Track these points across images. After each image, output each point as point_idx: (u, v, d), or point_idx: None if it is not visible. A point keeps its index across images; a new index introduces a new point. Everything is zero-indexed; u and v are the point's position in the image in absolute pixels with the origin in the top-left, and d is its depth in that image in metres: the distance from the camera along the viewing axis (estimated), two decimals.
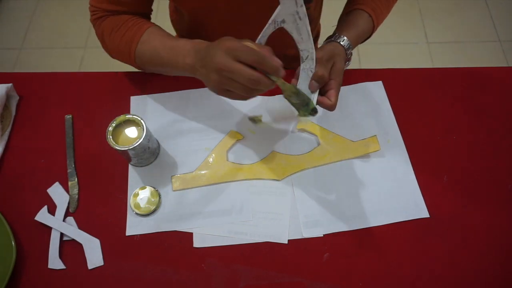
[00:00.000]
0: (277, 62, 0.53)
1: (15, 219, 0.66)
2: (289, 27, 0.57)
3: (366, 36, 0.73)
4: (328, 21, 0.99)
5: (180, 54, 0.63)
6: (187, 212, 0.66)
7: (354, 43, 0.68)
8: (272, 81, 0.54)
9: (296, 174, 0.69)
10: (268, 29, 0.58)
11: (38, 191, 0.68)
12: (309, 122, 0.73)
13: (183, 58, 0.63)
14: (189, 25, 0.82)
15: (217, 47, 0.55)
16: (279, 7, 0.55)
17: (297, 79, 0.61)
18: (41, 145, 0.73)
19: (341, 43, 0.66)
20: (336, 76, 0.63)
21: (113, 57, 0.73)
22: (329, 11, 0.94)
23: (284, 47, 0.67)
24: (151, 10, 0.76)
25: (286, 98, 0.60)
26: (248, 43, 0.54)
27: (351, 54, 0.69)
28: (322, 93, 0.62)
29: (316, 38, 0.95)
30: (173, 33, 0.96)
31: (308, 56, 0.59)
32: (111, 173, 0.70)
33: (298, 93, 0.59)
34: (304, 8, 0.54)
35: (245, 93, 0.55)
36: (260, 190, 0.68)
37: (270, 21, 0.57)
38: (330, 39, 0.69)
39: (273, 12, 0.72)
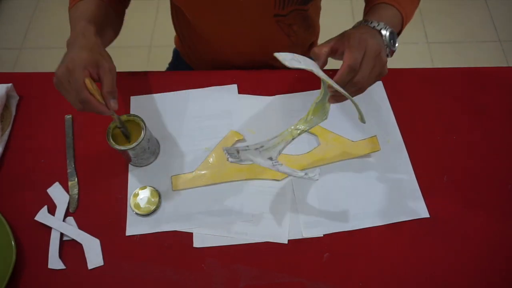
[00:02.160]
0: (102, 107, 0.56)
1: (15, 219, 0.66)
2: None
3: (394, 21, 0.65)
4: (328, 22, 0.99)
5: (72, 28, 0.65)
6: (187, 212, 0.66)
7: (384, 20, 0.61)
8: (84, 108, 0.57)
9: None
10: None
11: (38, 191, 0.68)
12: None
13: (72, 33, 0.64)
14: (186, 22, 0.82)
15: (67, 61, 0.57)
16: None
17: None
18: (41, 145, 0.73)
19: (370, 24, 0.60)
20: (367, 50, 0.55)
21: None
22: (329, 11, 0.94)
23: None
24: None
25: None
26: (88, 83, 0.56)
27: (388, 30, 0.60)
28: None
29: (315, 40, 0.94)
30: (174, 32, 0.96)
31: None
32: (111, 173, 0.70)
33: (121, 125, 0.62)
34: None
35: (75, 105, 0.58)
36: (260, 190, 0.68)
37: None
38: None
39: (267, 7, 0.72)
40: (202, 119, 0.75)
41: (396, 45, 0.61)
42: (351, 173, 0.69)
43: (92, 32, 0.61)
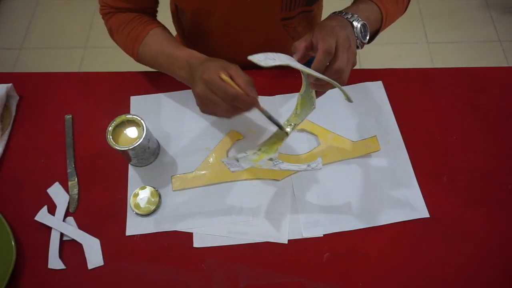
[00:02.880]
0: (250, 99, 0.55)
1: (15, 219, 0.66)
2: None
3: (371, 15, 0.66)
4: None
5: (176, 65, 0.66)
6: (187, 212, 0.66)
7: (359, 13, 0.62)
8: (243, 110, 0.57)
9: (296, 174, 0.69)
10: None
11: (38, 191, 0.68)
12: (309, 122, 0.73)
13: (179, 70, 0.66)
14: (190, 24, 0.82)
15: (198, 78, 0.58)
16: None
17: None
18: (41, 145, 0.73)
19: (344, 16, 0.62)
20: (340, 39, 0.56)
21: (127, 52, 0.75)
22: (329, 10, 0.94)
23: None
24: (157, 5, 0.78)
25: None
26: (224, 77, 0.55)
27: (360, 22, 0.61)
28: None
29: None
30: (174, 32, 0.96)
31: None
32: (111, 173, 0.70)
33: (271, 119, 0.60)
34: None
35: (227, 116, 0.58)
36: (260, 190, 0.68)
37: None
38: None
39: (274, 11, 0.72)
40: (202, 119, 0.75)
41: (367, 38, 0.63)
42: (351, 173, 0.69)
43: (196, 52, 0.64)
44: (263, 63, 0.51)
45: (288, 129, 0.62)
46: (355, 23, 0.61)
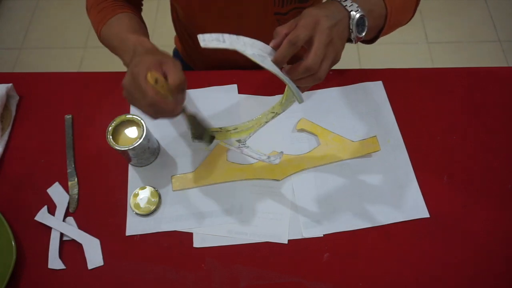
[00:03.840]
0: (170, 106, 0.52)
1: (15, 219, 0.66)
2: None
3: (376, 8, 0.61)
4: None
5: (123, 48, 0.63)
6: (187, 212, 0.66)
7: (360, 4, 0.57)
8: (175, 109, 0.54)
9: (296, 174, 0.69)
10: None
11: (38, 191, 0.68)
12: (309, 122, 0.73)
13: (123, 53, 0.63)
14: (186, 23, 0.82)
15: (130, 68, 0.54)
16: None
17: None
18: (41, 145, 0.73)
19: (343, 2, 0.56)
20: (318, 33, 0.52)
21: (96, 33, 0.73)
22: None
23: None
24: None
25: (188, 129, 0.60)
26: (149, 79, 0.51)
27: (359, 13, 0.56)
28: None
29: None
30: (173, 32, 0.96)
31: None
32: (111, 173, 0.70)
33: (200, 121, 0.59)
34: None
35: (148, 114, 0.55)
36: (260, 190, 0.68)
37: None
38: None
39: (267, 5, 0.72)
40: None
41: (364, 32, 0.58)
42: (351, 173, 0.69)
43: (146, 40, 0.60)
44: (203, 44, 0.48)
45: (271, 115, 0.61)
46: (353, 13, 0.56)
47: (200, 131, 0.60)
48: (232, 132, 0.63)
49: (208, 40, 0.49)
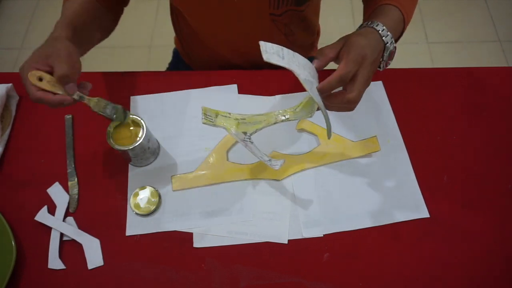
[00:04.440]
0: (57, 99, 0.54)
1: (15, 219, 0.65)
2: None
3: (399, 27, 0.64)
4: (328, 22, 0.99)
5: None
6: (187, 212, 0.66)
7: (391, 30, 0.59)
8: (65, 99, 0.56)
9: (296, 174, 0.69)
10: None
11: (38, 191, 0.68)
12: (309, 122, 0.73)
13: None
14: (184, 21, 0.82)
15: (27, 59, 0.55)
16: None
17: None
18: (41, 145, 0.73)
19: (376, 27, 0.58)
20: (362, 68, 0.54)
21: None
22: (329, 11, 0.94)
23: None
24: None
25: (99, 113, 0.60)
26: (30, 78, 0.53)
27: (393, 45, 0.59)
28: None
29: (315, 40, 0.94)
30: (173, 32, 0.96)
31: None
32: (111, 173, 0.70)
33: (106, 103, 0.60)
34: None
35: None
36: (260, 190, 0.68)
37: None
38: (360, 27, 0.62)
39: (262, 6, 0.72)
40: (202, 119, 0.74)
41: (391, 61, 0.62)
42: (351, 173, 0.69)
43: (58, 26, 0.60)
44: (265, 56, 0.49)
45: (282, 118, 0.62)
46: (388, 45, 0.58)
47: (110, 111, 0.61)
48: (240, 121, 0.62)
49: (270, 53, 0.49)
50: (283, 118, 0.63)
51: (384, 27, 0.58)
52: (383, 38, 0.58)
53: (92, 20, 0.68)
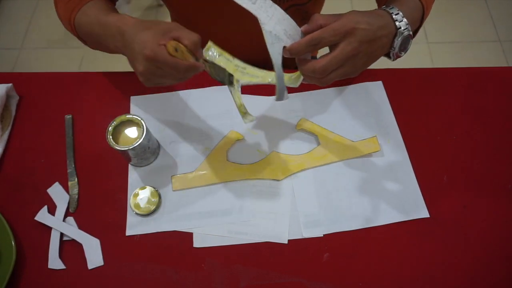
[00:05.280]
0: (200, 66, 0.52)
1: (15, 219, 0.66)
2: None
3: (417, 15, 0.59)
4: None
5: (108, 34, 0.59)
6: (187, 212, 0.66)
7: (407, 17, 0.54)
8: (198, 68, 0.53)
9: (296, 174, 0.69)
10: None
11: (38, 191, 0.68)
12: (309, 122, 0.73)
13: (111, 39, 0.59)
14: (183, 20, 0.82)
15: (138, 53, 0.51)
16: None
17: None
18: (41, 145, 0.73)
19: (388, 10, 0.53)
20: (345, 43, 0.50)
21: (64, 25, 0.69)
22: (328, 10, 0.94)
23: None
24: None
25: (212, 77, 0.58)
26: (170, 49, 0.50)
27: (407, 31, 0.53)
28: None
29: None
30: None
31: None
32: (111, 173, 0.70)
33: (215, 66, 0.56)
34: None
35: (176, 81, 0.54)
36: (260, 190, 0.68)
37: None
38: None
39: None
40: (202, 119, 0.75)
41: (404, 52, 0.57)
42: (351, 173, 0.69)
43: (127, 17, 0.57)
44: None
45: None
46: (401, 31, 0.53)
47: (220, 74, 0.58)
48: (239, 68, 0.60)
49: (246, 2, 0.46)
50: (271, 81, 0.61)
51: (400, 12, 0.53)
52: (396, 22, 0.53)
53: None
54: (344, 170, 0.70)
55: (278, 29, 0.51)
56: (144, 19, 0.56)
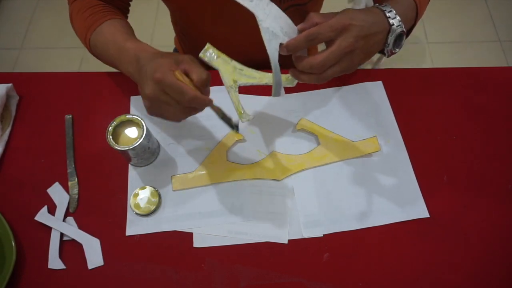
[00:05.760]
0: (207, 100, 0.52)
1: (15, 219, 0.65)
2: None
3: (411, 14, 0.61)
4: None
5: (124, 59, 0.61)
6: (187, 212, 0.66)
7: (400, 15, 0.56)
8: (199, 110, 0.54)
9: (296, 174, 0.69)
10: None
11: (38, 191, 0.68)
12: (309, 122, 0.73)
13: (126, 64, 0.60)
14: (183, 20, 0.82)
15: (148, 77, 0.52)
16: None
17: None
18: (41, 145, 0.73)
19: (382, 7, 0.55)
20: (342, 38, 0.50)
21: (79, 38, 0.70)
22: (328, 10, 0.94)
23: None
24: (128, 4, 0.76)
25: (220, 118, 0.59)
26: (180, 77, 0.50)
27: (400, 28, 0.55)
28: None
29: None
30: (174, 32, 0.96)
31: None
32: (111, 173, 0.70)
33: (223, 115, 0.58)
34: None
35: (178, 119, 0.55)
36: (260, 190, 0.68)
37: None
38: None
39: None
40: (202, 119, 0.75)
41: (398, 49, 0.59)
42: (351, 173, 0.69)
43: (147, 46, 0.59)
44: None
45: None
46: (394, 27, 0.54)
47: (226, 120, 0.59)
48: (237, 70, 0.60)
49: None
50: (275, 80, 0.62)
51: (392, 10, 0.55)
52: (389, 19, 0.55)
53: (133, 32, 0.68)
54: (344, 170, 0.70)
55: (274, 26, 0.51)
56: (163, 51, 0.58)
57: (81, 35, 0.69)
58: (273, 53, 0.52)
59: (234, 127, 0.58)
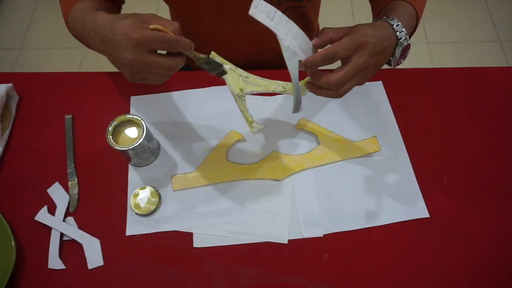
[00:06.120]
0: (186, 40, 0.51)
1: (15, 219, 0.65)
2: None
3: (412, 23, 0.63)
4: (328, 22, 0.99)
5: (88, 34, 0.57)
6: (187, 212, 0.66)
7: (405, 26, 0.57)
8: (185, 58, 0.53)
9: (296, 174, 0.69)
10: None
11: (38, 191, 0.68)
12: (309, 122, 0.73)
13: (91, 40, 0.56)
14: (183, 20, 0.82)
15: (123, 40, 0.49)
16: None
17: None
18: (41, 145, 0.73)
19: (390, 21, 0.56)
20: (357, 56, 0.52)
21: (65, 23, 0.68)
22: (329, 11, 0.94)
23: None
24: None
25: (199, 66, 0.57)
26: (155, 27, 0.49)
27: (407, 41, 0.57)
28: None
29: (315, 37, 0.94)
30: None
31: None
32: (111, 173, 0.70)
33: (209, 62, 0.56)
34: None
35: (162, 78, 0.54)
36: (260, 190, 0.68)
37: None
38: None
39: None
40: (202, 119, 0.75)
41: (404, 59, 0.60)
42: (351, 173, 0.69)
43: (102, 13, 0.55)
44: (251, 11, 0.46)
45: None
46: (401, 41, 0.56)
47: (213, 67, 0.58)
48: (242, 78, 0.61)
49: (259, 11, 0.47)
50: (281, 89, 0.62)
51: (399, 23, 0.56)
52: (397, 33, 0.56)
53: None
54: (344, 170, 0.70)
55: (294, 44, 0.52)
56: (119, 14, 0.55)
57: (64, 17, 0.67)
58: (293, 72, 0.53)
59: (223, 73, 0.57)
